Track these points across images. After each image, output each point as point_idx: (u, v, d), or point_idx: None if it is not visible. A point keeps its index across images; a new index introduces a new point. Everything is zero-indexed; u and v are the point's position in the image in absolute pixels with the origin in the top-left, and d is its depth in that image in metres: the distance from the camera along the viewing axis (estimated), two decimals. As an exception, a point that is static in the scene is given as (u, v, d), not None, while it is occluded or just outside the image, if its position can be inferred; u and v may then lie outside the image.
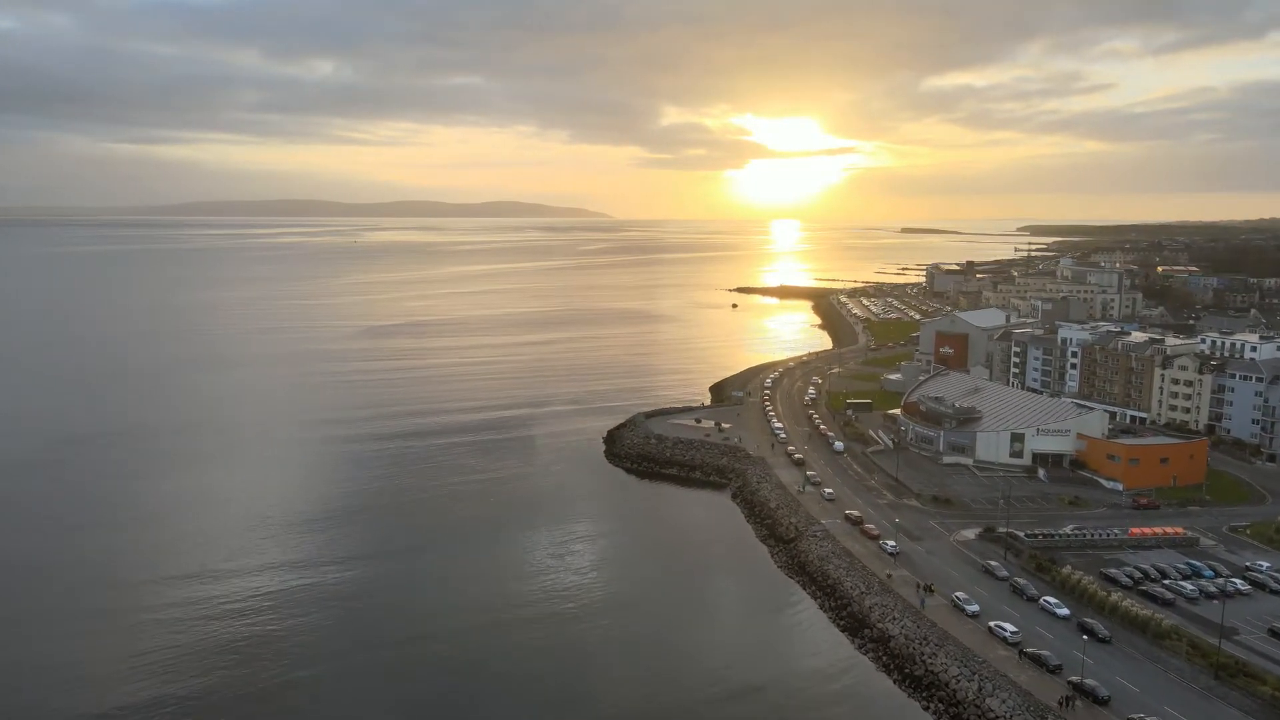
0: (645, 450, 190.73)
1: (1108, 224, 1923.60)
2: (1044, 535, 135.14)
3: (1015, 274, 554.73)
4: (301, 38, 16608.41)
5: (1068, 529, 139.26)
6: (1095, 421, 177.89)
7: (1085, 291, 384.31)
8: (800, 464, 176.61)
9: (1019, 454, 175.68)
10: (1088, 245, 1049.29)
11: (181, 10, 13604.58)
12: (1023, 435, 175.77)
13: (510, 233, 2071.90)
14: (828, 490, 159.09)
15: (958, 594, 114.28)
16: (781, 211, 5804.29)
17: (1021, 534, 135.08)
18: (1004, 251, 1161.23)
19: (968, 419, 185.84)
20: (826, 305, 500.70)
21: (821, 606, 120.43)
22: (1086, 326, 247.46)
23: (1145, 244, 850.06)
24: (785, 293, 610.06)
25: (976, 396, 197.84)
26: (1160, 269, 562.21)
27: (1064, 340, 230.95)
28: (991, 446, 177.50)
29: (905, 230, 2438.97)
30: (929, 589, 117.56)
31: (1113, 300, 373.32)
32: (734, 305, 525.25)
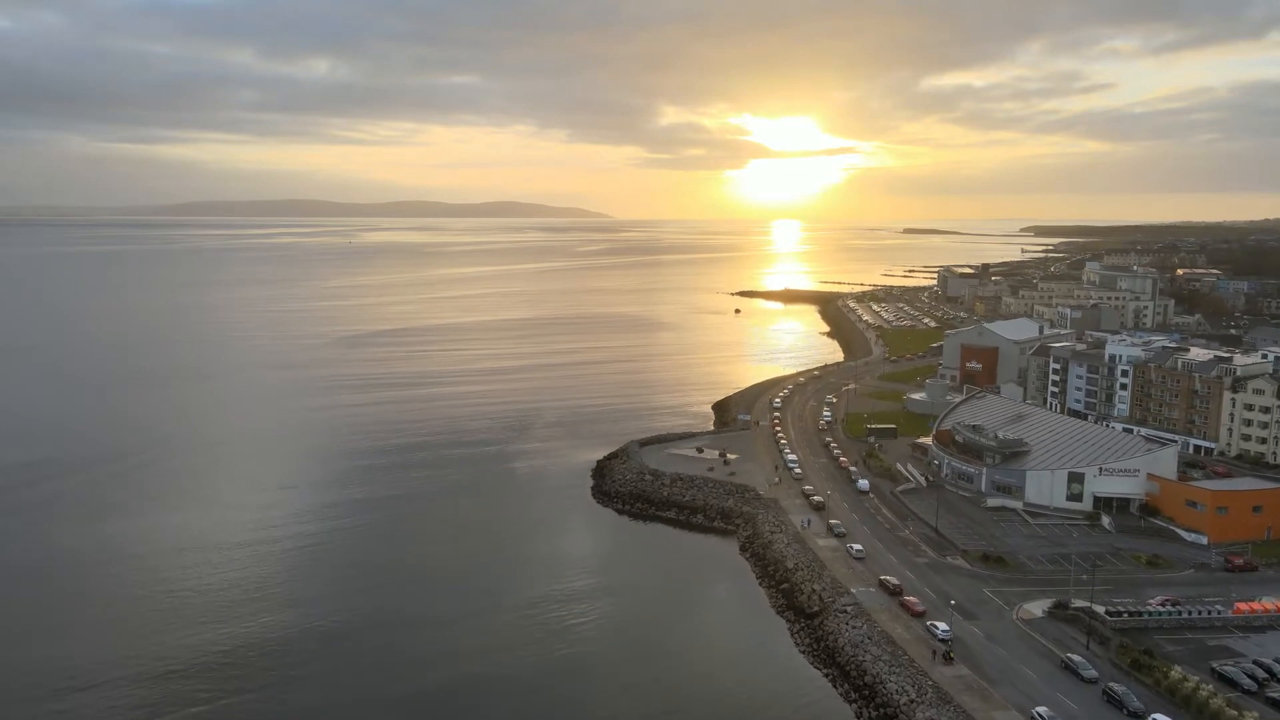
0: (639, 488, 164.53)
1: (1110, 224, 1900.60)
2: (1130, 614, 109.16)
3: (1036, 279, 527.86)
4: (297, 37, 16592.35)
5: (1155, 602, 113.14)
6: (1168, 459, 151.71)
7: (1116, 298, 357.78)
8: (820, 508, 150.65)
9: (1077, 496, 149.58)
10: (1094, 246, 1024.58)
11: (175, 9, 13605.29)
12: (1082, 475, 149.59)
13: (509, 233, 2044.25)
14: (856, 546, 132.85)
15: (1039, 710, 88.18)
16: (782, 211, 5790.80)
17: (1101, 610, 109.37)
18: (1010, 252, 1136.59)
19: (1014, 453, 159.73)
20: (834, 311, 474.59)
21: (859, 716, 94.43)
22: (1137, 341, 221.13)
23: (1158, 245, 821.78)
24: (790, 296, 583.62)
25: (1022, 425, 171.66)
26: (1180, 271, 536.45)
27: (1112, 357, 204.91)
28: (1044, 487, 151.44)
29: (907, 230, 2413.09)
30: (948, 657, 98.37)
31: (1145, 307, 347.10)
32: (736, 310, 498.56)
